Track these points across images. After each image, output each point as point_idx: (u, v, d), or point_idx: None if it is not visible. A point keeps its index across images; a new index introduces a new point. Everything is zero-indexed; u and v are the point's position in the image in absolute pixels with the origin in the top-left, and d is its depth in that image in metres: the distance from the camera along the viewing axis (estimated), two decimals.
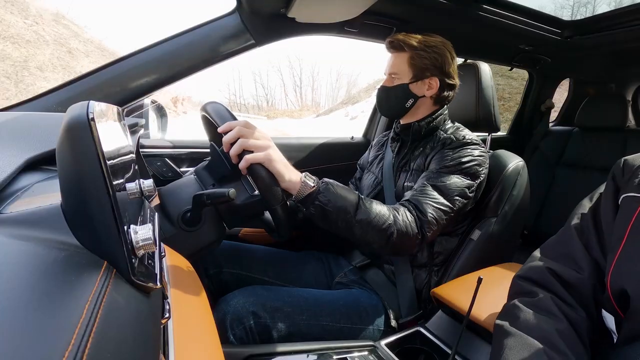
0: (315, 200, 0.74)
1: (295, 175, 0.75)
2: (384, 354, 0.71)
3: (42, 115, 0.81)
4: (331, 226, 0.76)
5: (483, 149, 0.93)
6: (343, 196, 0.76)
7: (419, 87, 0.96)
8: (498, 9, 1.29)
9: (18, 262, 0.24)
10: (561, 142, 2.08)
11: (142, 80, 1.01)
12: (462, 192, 0.85)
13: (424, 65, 0.94)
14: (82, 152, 0.28)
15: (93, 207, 0.29)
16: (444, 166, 0.88)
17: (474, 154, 0.89)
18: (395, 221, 0.78)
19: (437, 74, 0.96)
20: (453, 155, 0.89)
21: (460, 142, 0.92)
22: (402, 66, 0.95)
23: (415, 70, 0.94)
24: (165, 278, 0.45)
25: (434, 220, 0.81)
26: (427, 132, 0.98)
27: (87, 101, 0.29)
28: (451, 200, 0.84)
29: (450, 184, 0.85)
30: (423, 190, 0.85)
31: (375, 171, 1.09)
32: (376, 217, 0.77)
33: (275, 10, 1.04)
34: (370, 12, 1.08)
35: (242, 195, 0.77)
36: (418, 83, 0.95)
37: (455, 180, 0.86)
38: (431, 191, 0.84)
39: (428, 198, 0.83)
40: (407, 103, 0.96)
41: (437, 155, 0.92)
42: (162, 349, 0.33)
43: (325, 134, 1.60)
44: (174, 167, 1.18)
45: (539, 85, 2.12)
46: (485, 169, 0.91)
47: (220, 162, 0.78)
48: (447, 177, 0.86)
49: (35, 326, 0.19)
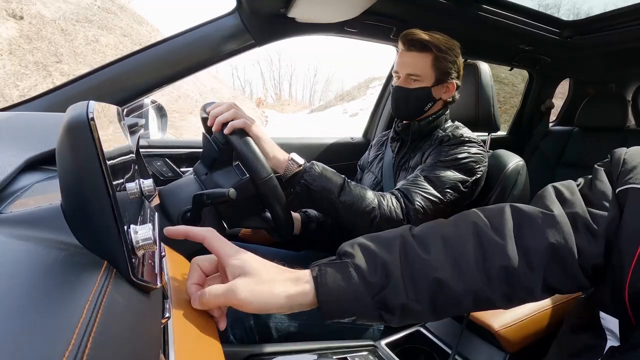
0: (301, 179, 0.76)
1: (281, 153, 0.78)
2: (384, 353, 0.71)
3: (42, 115, 0.81)
4: (316, 206, 0.77)
5: (481, 147, 0.93)
6: (328, 177, 0.77)
7: (438, 91, 0.95)
8: (498, 9, 1.29)
9: (18, 262, 0.24)
10: (561, 142, 2.08)
11: (142, 80, 1.01)
12: (455, 186, 0.85)
13: (447, 69, 0.93)
14: (82, 152, 0.28)
15: (93, 207, 0.29)
16: (439, 161, 0.88)
17: (470, 151, 0.90)
18: (380, 205, 0.78)
19: (456, 78, 0.95)
20: (449, 152, 0.89)
21: (458, 139, 0.92)
22: (425, 68, 0.92)
23: (438, 74, 0.92)
24: (165, 278, 0.45)
25: (421, 209, 0.80)
26: (428, 131, 0.98)
27: (87, 101, 0.29)
28: (442, 192, 0.84)
29: (442, 177, 0.85)
30: (415, 180, 0.85)
31: (375, 171, 1.09)
32: (360, 200, 0.77)
33: (275, 10, 1.04)
34: (370, 12, 1.08)
35: (233, 178, 0.76)
36: (439, 86, 0.94)
37: (449, 174, 0.86)
38: (422, 182, 0.84)
39: (418, 188, 0.83)
40: (426, 106, 0.95)
41: (434, 151, 0.92)
42: (162, 348, 0.33)
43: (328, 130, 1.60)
44: (174, 167, 1.18)
45: (539, 85, 2.12)
46: (482, 166, 0.91)
47: (210, 146, 0.79)
48: (440, 171, 0.86)
49: (35, 326, 0.19)
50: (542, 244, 0.44)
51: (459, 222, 0.48)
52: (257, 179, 0.73)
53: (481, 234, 0.45)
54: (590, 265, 0.45)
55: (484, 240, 0.45)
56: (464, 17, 1.28)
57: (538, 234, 0.45)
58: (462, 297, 0.44)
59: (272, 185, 0.73)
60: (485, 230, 0.46)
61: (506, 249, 0.44)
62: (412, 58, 0.93)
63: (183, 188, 0.78)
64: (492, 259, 0.44)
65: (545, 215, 0.46)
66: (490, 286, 0.44)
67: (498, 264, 0.44)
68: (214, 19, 1.07)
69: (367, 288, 0.42)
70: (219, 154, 0.78)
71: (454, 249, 0.44)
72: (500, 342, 0.73)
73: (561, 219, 0.45)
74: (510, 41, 1.56)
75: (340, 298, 0.42)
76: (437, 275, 0.43)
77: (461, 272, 0.43)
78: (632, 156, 0.49)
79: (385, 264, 0.43)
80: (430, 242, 0.45)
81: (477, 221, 0.47)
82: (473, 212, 0.50)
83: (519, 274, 0.44)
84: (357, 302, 0.42)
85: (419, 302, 0.43)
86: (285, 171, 0.77)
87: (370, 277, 0.42)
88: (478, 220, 0.47)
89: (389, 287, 0.42)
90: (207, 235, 0.44)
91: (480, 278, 0.43)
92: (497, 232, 0.45)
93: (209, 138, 0.80)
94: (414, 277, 0.43)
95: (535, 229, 0.45)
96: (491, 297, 0.44)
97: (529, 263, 0.44)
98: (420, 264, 0.43)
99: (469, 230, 0.46)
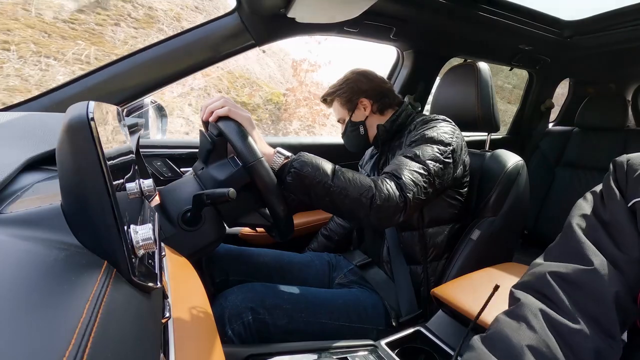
0: (290, 167, 0.76)
1: (268, 148, 0.81)
2: (385, 353, 0.71)
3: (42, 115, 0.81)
4: (310, 193, 0.76)
5: (450, 123, 0.95)
6: (318, 162, 0.78)
7: (359, 115, 1.07)
8: (498, 9, 1.29)
9: (18, 262, 0.24)
10: (561, 142, 2.08)
11: (142, 80, 1.01)
12: (435, 157, 0.86)
13: (348, 98, 1.06)
14: (82, 152, 0.28)
15: (93, 207, 0.29)
16: (412, 141, 0.92)
17: (439, 126, 0.93)
18: (376, 186, 0.77)
19: (361, 95, 1.05)
20: (419, 132, 0.93)
21: (426, 121, 0.96)
22: (339, 111, 1.09)
23: (347, 106, 1.07)
24: (165, 278, 0.45)
25: (412, 182, 0.80)
26: (396, 128, 1.03)
27: (87, 101, 0.29)
28: (424, 164, 0.84)
29: (419, 152, 0.86)
30: (395, 162, 0.86)
31: (370, 173, 1.12)
32: (355, 181, 0.77)
33: (275, 10, 1.04)
34: (371, 12, 1.08)
35: (227, 170, 0.76)
36: (355, 112, 1.07)
37: (425, 148, 0.88)
38: (403, 160, 0.85)
39: (401, 165, 0.84)
40: (360, 131, 1.07)
41: (407, 139, 0.95)
42: (162, 348, 0.33)
43: None
44: (174, 167, 1.18)
45: (539, 85, 2.12)
46: (456, 137, 0.91)
47: (205, 140, 0.80)
48: (417, 148, 0.88)
49: (35, 326, 0.19)
50: (604, 303, 0.42)
51: (528, 319, 0.43)
52: (246, 162, 0.72)
53: (555, 326, 0.42)
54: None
55: (562, 332, 0.42)
56: (464, 17, 1.28)
57: (595, 296, 0.43)
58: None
59: (262, 168, 0.73)
60: (556, 319, 0.43)
61: (583, 330, 0.41)
62: (333, 111, 1.11)
63: (183, 188, 0.78)
64: (579, 347, 0.41)
65: (588, 272, 0.44)
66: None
67: (586, 347, 0.41)
68: (214, 19, 1.07)
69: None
70: (212, 145, 0.78)
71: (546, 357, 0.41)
72: None
73: (602, 268, 0.43)
74: (510, 41, 1.56)
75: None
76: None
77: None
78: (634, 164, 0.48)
79: None
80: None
81: (542, 308, 0.44)
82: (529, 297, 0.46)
83: (604, 344, 0.42)
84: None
85: None
86: (272, 164, 0.78)
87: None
88: (542, 306, 0.44)
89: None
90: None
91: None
92: (565, 314, 0.43)
93: (204, 133, 0.81)
94: None
95: (589, 293, 0.43)
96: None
97: (606, 330, 0.42)
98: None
99: (543, 325, 0.42)
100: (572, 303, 0.43)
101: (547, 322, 0.42)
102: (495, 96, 1.14)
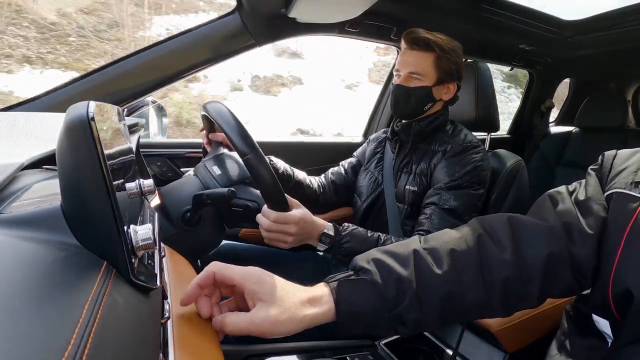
0: (340, 247, 0.78)
1: (314, 239, 0.79)
2: (384, 353, 0.71)
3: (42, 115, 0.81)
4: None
5: (483, 149, 0.93)
6: (362, 237, 0.79)
7: (439, 91, 0.95)
8: (498, 8, 1.29)
9: (18, 262, 0.24)
10: (561, 142, 2.08)
11: (142, 80, 1.01)
12: (474, 206, 0.86)
13: (449, 70, 0.93)
14: (82, 152, 0.28)
15: (93, 207, 0.29)
16: (451, 181, 0.88)
17: (476, 158, 0.90)
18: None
19: (457, 79, 0.95)
20: (457, 168, 0.89)
21: (462, 146, 0.92)
22: (426, 67, 0.92)
23: (440, 74, 0.92)
24: (165, 278, 0.45)
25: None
26: (429, 132, 0.97)
27: (87, 101, 0.29)
28: (463, 220, 0.84)
29: (463, 204, 0.85)
30: (439, 216, 0.85)
31: (375, 171, 1.08)
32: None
33: (275, 10, 1.04)
34: (371, 12, 1.07)
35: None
36: (440, 87, 0.94)
37: (467, 197, 0.86)
38: (446, 216, 0.84)
39: (441, 222, 0.83)
40: (426, 106, 0.95)
41: (440, 164, 0.92)
42: (161, 348, 0.34)
43: None
44: (174, 167, 1.18)
45: (539, 85, 2.12)
46: (488, 171, 0.92)
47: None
48: (458, 196, 0.86)
49: (35, 326, 0.19)
50: (539, 254, 0.47)
51: (466, 236, 0.50)
52: (241, 155, 0.69)
53: (484, 247, 0.48)
54: (585, 269, 0.48)
55: (487, 253, 0.48)
56: (465, 16, 1.28)
57: (535, 245, 0.48)
58: (469, 308, 0.47)
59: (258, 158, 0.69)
60: (488, 243, 0.48)
61: (506, 261, 0.47)
62: (414, 57, 0.92)
63: (183, 188, 0.78)
64: (493, 272, 0.46)
65: (542, 227, 0.49)
66: (492, 297, 0.46)
67: (499, 276, 0.46)
68: (214, 19, 1.07)
69: (384, 304, 0.44)
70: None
71: (462, 262, 0.47)
72: (499, 342, 0.73)
73: (557, 229, 0.48)
74: (511, 41, 1.56)
75: (358, 314, 0.44)
76: (448, 289, 0.45)
77: (468, 285, 0.46)
78: (620, 160, 0.53)
79: (400, 280, 0.45)
80: (442, 257, 0.48)
81: (480, 233, 0.49)
82: (477, 223, 0.52)
83: (518, 284, 0.47)
84: (374, 317, 0.45)
85: (431, 315, 0.45)
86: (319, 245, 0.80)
87: (387, 293, 0.44)
88: (481, 232, 0.50)
89: (405, 303, 0.45)
90: (215, 270, 0.45)
91: (484, 290, 0.46)
92: (498, 245, 0.48)
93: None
94: (427, 293, 0.45)
95: (533, 240, 0.48)
96: (494, 307, 0.47)
97: (528, 274, 0.47)
98: (434, 280, 0.46)
99: (474, 243, 0.49)
100: (510, 241, 0.48)
101: (480, 246, 0.48)
102: (495, 96, 1.14)
